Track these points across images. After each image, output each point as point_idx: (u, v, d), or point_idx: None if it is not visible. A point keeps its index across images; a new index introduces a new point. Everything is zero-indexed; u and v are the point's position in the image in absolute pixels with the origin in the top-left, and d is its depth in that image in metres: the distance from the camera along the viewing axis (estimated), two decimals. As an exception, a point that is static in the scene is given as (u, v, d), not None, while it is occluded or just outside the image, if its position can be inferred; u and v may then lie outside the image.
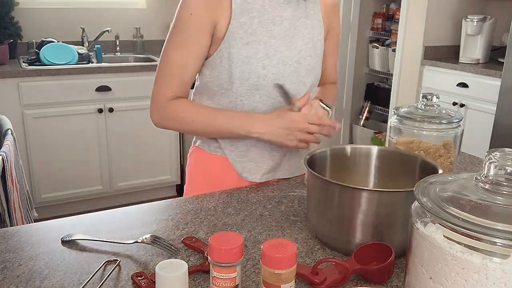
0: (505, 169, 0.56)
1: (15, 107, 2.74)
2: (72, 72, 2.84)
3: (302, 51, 1.14)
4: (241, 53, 1.07)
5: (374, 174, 1.00)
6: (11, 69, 2.73)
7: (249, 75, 1.08)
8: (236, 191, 1.13)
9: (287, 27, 1.12)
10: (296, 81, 1.14)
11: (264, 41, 1.09)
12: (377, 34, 4.15)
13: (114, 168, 3.11)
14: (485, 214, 0.54)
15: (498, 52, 3.24)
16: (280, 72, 1.11)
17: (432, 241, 0.56)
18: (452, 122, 1.03)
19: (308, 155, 0.92)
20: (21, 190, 1.83)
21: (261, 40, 1.08)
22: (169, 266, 0.63)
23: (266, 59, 1.09)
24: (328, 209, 0.84)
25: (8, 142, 1.75)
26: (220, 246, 0.64)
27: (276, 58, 1.10)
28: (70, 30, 3.36)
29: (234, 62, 1.07)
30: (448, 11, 3.34)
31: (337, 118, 4.21)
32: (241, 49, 1.07)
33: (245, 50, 1.07)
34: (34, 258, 0.82)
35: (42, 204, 2.94)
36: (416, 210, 0.61)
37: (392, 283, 0.76)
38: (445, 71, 3.15)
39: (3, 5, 2.99)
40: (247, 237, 0.90)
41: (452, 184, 0.63)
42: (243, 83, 1.09)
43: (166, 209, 1.03)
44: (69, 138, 2.92)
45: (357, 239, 0.81)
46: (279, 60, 1.10)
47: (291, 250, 0.64)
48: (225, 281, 0.65)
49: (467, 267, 0.52)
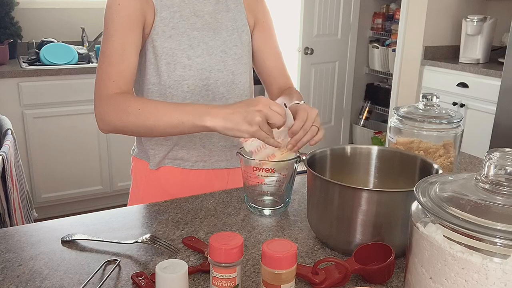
0: (505, 169, 0.56)
1: (15, 107, 2.74)
2: (72, 72, 2.84)
3: (227, 41, 1.17)
4: (164, 46, 1.10)
5: (374, 174, 1.00)
6: (11, 69, 2.73)
7: (174, 66, 1.11)
8: (236, 191, 1.13)
9: (208, 20, 1.15)
10: (224, 69, 1.16)
11: (187, 33, 1.12)
12: (377, 34, 4.15)
13: (114, 168, 3.11)
14: (485, 214, 0.54)
15: (498, 52, 3.24)
16: (205, 62, 1.13)
17: (432, 241, 0.56)
18: (452, 122, 1.03)
19: (308, 155, 0.92)
20: (21, 190, 1.83)
21: (184, 33, 1.12)
22: (169, 266, 0.63)
23: (190, 50, 1.12)
24: (328, 209, 0.84)
25: (8, 142, 1.75)
26: (220, 246, 0.64)
27: (200, 49, 1.13)
28: (70, 30, 3.36)
29: (159, 55, 1.11)
30: (448, 11, 3.34)
31: (337, 118, 4.22)
32: (164, 42, 1.10)
33: (168, 43, 1.11)
34: (34, 258, 0.82)
35: (42, 204, 2.94)
36: (416, 210, 0.61)
37: (392, 283, 0.76)
38: (445, 71, 3.15)
39: (3, 5, 2.99)
40: (247, 237, 0.90)
41: (452, 184, 0.63)
42: (170, 75, 1.12)
43: (166, 209, 1.03)
44: (69, 138, 2.92)
45: (357, 239, 0.81)
46: (203, 51, 1.13)
47: (291, 250, 0.64)
48: (225, 281, 0.65)
49: (467, 267, 0.52)
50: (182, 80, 1.13)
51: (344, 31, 3.98)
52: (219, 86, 1.16)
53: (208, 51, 1.14)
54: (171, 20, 1.11)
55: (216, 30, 1.16)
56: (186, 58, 1.11)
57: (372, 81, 4.36)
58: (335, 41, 3.96)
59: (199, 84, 1.14)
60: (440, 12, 3.31)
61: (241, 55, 1.19)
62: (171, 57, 1.11)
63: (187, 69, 1.12)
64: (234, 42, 1.18)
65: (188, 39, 1.12)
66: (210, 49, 1.14)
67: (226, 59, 1.16)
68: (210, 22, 1.15)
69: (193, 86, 1.14)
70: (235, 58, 1.18)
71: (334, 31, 3.93)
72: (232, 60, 1.17)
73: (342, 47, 4.02)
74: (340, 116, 4.24)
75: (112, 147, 3.06)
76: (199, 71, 1.13)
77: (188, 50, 1.12)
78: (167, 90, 1.13)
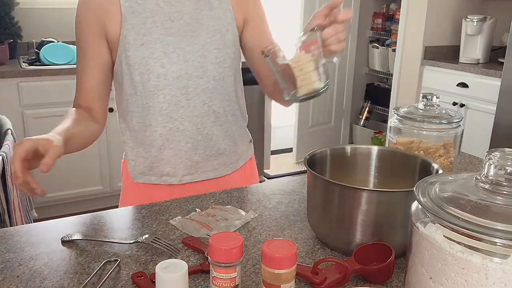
0: (505, 169, 0.57)
1: (15, 107, 2.74)
2: (72, 72, 2.83)
3: (207, 44, 1.10)
4: (137, 55, 1.06)
5: (374, 174, 1.00)
6: (11, 69, 2.73)
7: (148, 76, 1.06)
8: (236, 191, 1.13)
9: (187, 21, 1.09)
10: (204, 75, 1.10)
11: (161, 40, 1.06)
12: (377, 34, 4.15)
13: (114, 168, 3.10)
14: (485, 214, 0.54)
15: (498, 52, 3.24)
16: (182, 69, 1.08)
17: (432, 241, 0.56)
18: (452, 122, 1.03)
19: (308, 155, 0.92)
20: (21, 190, 1.83)
21: (157, 39, 1.06)
22: (169, 266, 0.63)
23: (164, 58, 1.06)
24: (328, 209, 0.84)
25: (8, 142, 1.75)
26: (220, 246, 0.64)
27: (176, 56, 1.07)
28: (70, 30, 3.32)
29: (132, 65, 1.06)
30: (448, 11, 3.34)
31: (337, 118, 4.22)
32: (136, 50, 1.06)
33: (141, 52, 1.06)
34: (34, 258, 0.82)
35: (42, 204, 2.94)
36: (416, 210, 0.61)
37: (392, 283, 0.76)
38: (445, 71, 3.15)
39: (3, 5, 2.99)
40: (247, 237, 0.90)
41: (452, 184, 0.63)
42: (145, 85, 1.07)
43: (166, 209, 1.03)
44: (69, 138, 2.92)
45: (357, 239, 0.81)
46: (179, 57, 1.07)
47: (291, 250, 0.64)
48: (225, 281, 0.65)
49: (467, 267, 0.52)
50: (157, 90, 1.08)
51: (344, 31, 3.98)
52: (199, 93, 1.10)
53: (184, 57, 1.07)
54: (142, 27, 1.05)
55: (195, 33, 1.09)
56: (159, 66, 1.06)
57: (372, 81, 4.36)
58: (335, 41, 3.95)
59: (176, 94, 1.09)
60: (440, 12, 3.31)
61: (224, 58, 1.11)
62: (144, 66, 1.06)
63: (161, 78, 1.07)
64: (215, 45, 1.10)
65: (162, 46, 1.06)
66: (187, 55, 1.08)
67: (206, 64, 1.09)
68: (188, 23, 1.08)
69: (169, 96, 1.08)
70: (216, 62, 1.10)
71: (334, 31, 3.92)
72: (212, 65, 1.10)
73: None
74: (340, 116, 4.24)
75: (112, 147, 3.06)
76: (175, 79, 1.07)
77: (162, 58, 1.06)
78: (143, 101, 1.09)
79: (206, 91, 1.11)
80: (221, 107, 1.14)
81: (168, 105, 1.09)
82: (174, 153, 1.13)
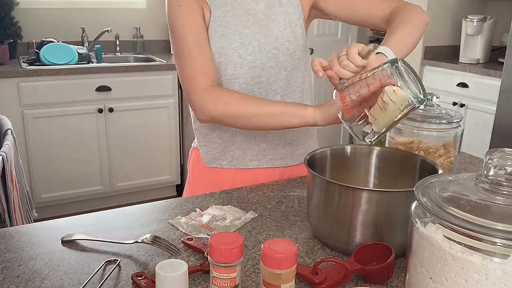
0: (505, 169, 0.56)
1: (15, 107, 2.74)
2: (72, 72, 2.84)
3: (279, 37, 1.16)
4: (217, 45, 1.12)
5: (374, 174, 1.00)
6: (11, 69, 2.73)
7: (226, 65, 1.13)
8: (236, 191, 1.13)
9: (261, 17, 1.16)
10: (276, 66, 1.16)
11: (239, 32, 1.13)
12: (377, 34, 4.15)
13: (114, 168, 3.11)
14: (485, 214, 0.54)
15: (498, 52, 3.24)
16: (257, 60, 1.14)
17: (432, 241, 0.56)
18: (452, 122, 1.03)
19: (308, 155, 0.92)
20: (21, 190, 1.83)
21: (236, 31, 1.13)
22: (169, 266, 0.63)
23: (242, 48, 1.13)
24: (328, 209, 0.84)
25: (8, 142, 1.75)
26: (220, 246, 0.64)
27: (252, 47, 1.14)
28: (70, 30, 3.36)
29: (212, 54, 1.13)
30: (448, 11, 3.34)
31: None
32: (217, 41, 1.13)
33: (220, 42, 1.13)
34: (34, 258, 0.82)
35: (42, 204, 2.94)
36: (416, 210, 0.61)
37: (392, 283, 0.76)
38: (445, 71, 3.15)
39: (3, 5, 2.99)
40: (247, 237, 0.90)
41: (452, 184, 0.63)
42: (222, 73, 1.13)
43: (166, 209, 1.03)
44: (69, 138, 2.92)
45: (357, 239, 0.81)
46: (255, 48, 1.14)
47: (291, 250, 0.64)
48: (225, 281, 0.65)
49: (467, 267, 0.52)
50: (234, 79, 1.14)
51: (344, 31, 3.98)
52: (271, 83, 1.17)
53: (259, 48, 1.14)
54: (223, 19, 1.13)
55: (269, 27, 1.16)
56: (237, 56, 1.13)
57: (372, 81, 4.36)
58: (335, 41, 3.96)
59: (250, 82, 1.15)
60: (440, 12, 3.31)
61: (294, 50, 1.18)
62: (222, 56, 1.12)
63: (238, 67, 1.13)
64: (286, 38, 1.17)
65: (239, 37, 1.13)
66: (262, 46, 1.14)
67: (278, 55, 1.16)
68: (262, 18, 1.16)
69: (244, 85, 1.14)
70: (287, 53, 1.17)
71: (334, 31, 3.93)
72: (284, 56, 1.17)
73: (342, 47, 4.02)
74: (340, 116, 4.24)
75: (112, 147, 3.06)
76: (250, 69, 1.14)
77: (239, 49, 1.13)
78: None
79: (278, 81, 1.17)
80: (290, 97, 1.19)
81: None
82: (245, 138, 1.20)
